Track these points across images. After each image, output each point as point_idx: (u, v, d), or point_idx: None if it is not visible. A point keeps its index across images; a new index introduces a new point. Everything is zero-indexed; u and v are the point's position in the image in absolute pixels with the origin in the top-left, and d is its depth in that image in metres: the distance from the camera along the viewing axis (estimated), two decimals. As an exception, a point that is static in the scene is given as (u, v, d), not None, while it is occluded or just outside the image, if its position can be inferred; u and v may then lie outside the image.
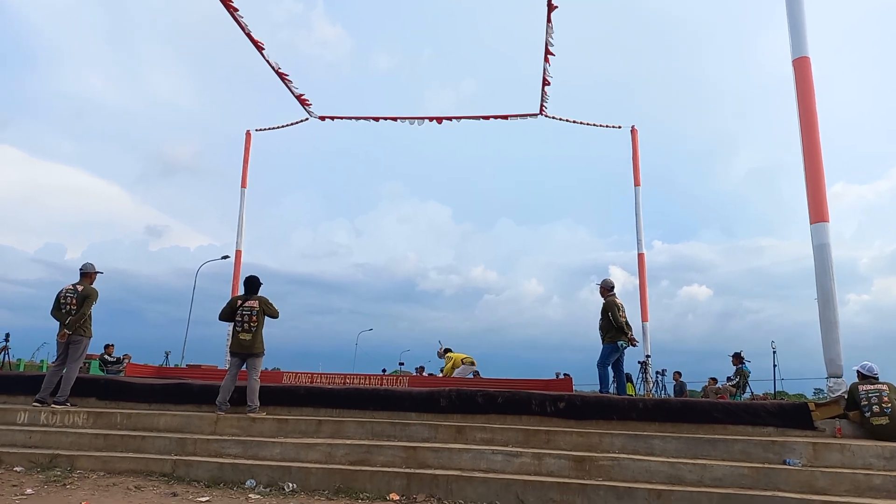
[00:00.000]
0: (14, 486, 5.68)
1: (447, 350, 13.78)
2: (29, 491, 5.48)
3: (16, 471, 6.28)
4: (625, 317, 8.88)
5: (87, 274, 8.24)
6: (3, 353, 11.26)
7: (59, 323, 7.90)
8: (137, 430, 7.19)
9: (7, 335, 11.89)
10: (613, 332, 8.73)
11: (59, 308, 7.92)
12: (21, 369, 17.85)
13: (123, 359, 16.34)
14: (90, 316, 8.05)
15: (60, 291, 8.03)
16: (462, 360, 13.16)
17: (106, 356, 16.26)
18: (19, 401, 8.03)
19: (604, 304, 8.96)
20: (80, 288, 8.05)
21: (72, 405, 7.75)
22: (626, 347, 8.84)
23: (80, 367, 8.19)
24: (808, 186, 7.41)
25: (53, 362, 8.15)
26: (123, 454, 6.60)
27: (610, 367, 8.98)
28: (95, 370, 16.05)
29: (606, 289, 9.15)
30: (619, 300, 8.99)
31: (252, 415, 7.25)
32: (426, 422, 7.06)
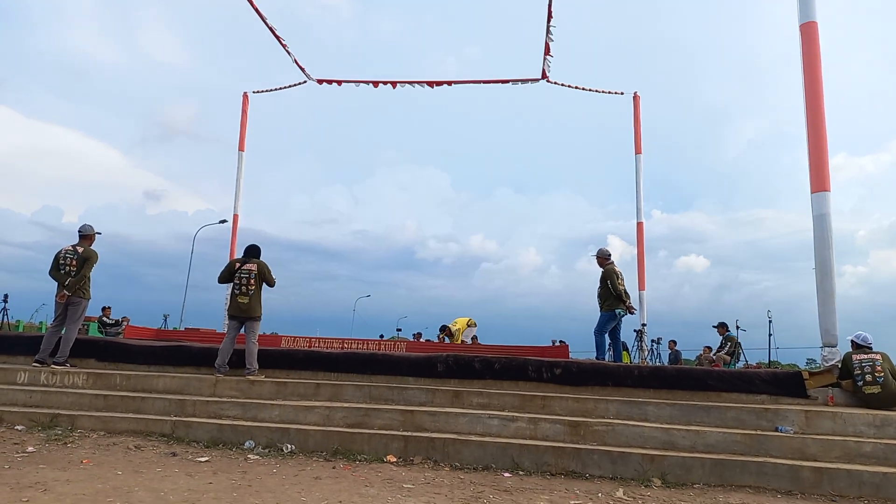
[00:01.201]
0: (16, 444, 5.74)
1: (444, 327, 14.16)
2: (31, 449, 5.54)
3: (17, 429, 6.35)
4: (623, 285, 8.90)
5: (87, 236, 8.21)
6: (1, 314, 11.29)
7: (57, 283, 7.90)
8: (137, 391, 7.25)
9: (5, 296, 11.93)
10: (612, 300, 8.77)
11: (57, 269, 7.90)
12: (20, 330, 17.93)
13: (122, 321, 16.42)
14: (89, 278, 8.05)
15: (59, 252, 7.99)
16: (467, 322, 13.50)
17: (104, 318, 16.34)
18: (19, 361, 8.07)
19: (602, 272, 8.97)
20: (79, 249, 8.02)
21: (71, 366, 7.80)
22: (623, 315, 8.89)
23: (79, 329, 8.22)
24: (811, 155, 7.35)
25: (52, 323, 8.18)
26: (123, 415, 6.67)
27: (607, 335, 9.04)
28: (94, 332, 16.15)
29: (604, 258, 9.16)
30: (617, 268, 9.00)
31: (251, 377, 7.31)
32: (423, 386, 7.13)
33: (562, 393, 6.88)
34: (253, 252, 7.93)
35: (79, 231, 8.22)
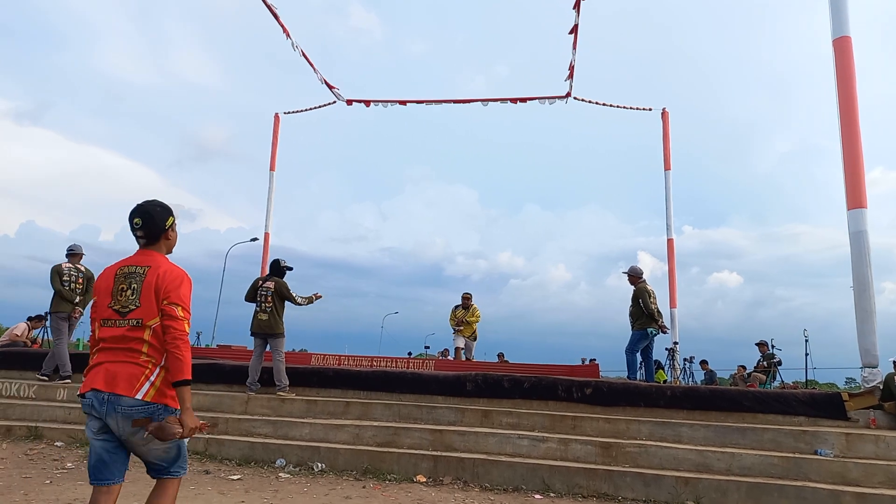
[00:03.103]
0: (55, 460, 5.88)
1: (467, 297, 12.06)
2: (69, 465, 5.67)
3: (56, 446, 6.50)
4: (656, 304, 8.79)
5: (78, 254, 8.49)
6: (41, 332, 11.61)
7: (58, 298, 8.09)
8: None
9: (46, 314, 12.19)
10: (644, 318, 8.65)
11: (62, 284, 8.15)
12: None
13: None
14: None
15: (62, 268, 8.21)
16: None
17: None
18: (58, 378, 8.27)
19: (635, 290, 8.87)
20: (81, 268, 8.36)
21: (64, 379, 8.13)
22: (655, 335, 8.76)
23: None
24: (846, 171, 7.20)
25: (59, 338, 8.39)
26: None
27: (638, 354, 8.92)
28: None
29: (636, 276, 9.05)
30: (649, 287, 8.90)
31: (282, 394, 7.37)
32: (452, 405, 7.11)
33: (593, 413, 6.80)
34: (272, 267, 8.04)
35: (73, 250, 8.44)
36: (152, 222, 2.81)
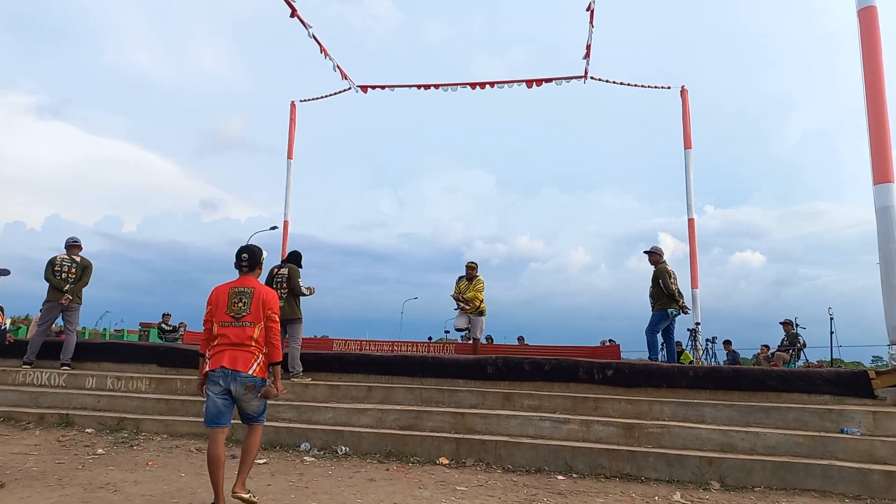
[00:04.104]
0: (87, 446, 6.02)
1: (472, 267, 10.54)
2: (100, 451, 5.80)
3: (87, 432, 6.66)
4: (676, 284, 8.71)
5: (77, 246, 8.66)
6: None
7: (50, 287, 8.30)
8: (196, 395, 7.47)
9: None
10: (664, 299, 8.58)
11: (54, 274, 8.35)
12: (86, 336, 18.74)
13: (180, 327, 16.99)
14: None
15: (55, 259, 8.42)
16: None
17: (164, 325, 16.93)
18: (87, 367, 8.46)
19: (655, 271, 8.79)
20: (77, 259, 8.51)
21: (71, 368, 8.28)
22: (676, 315, 8.69)
23: (142, 335, 8.60)
24: (872, 145, 7.04)
25: (41, 326, 8.64)
26: (184, 418, 6.90)
27: (659, 335, 8.86)
28: (154, 338, 16.76)
29: (657, 255, 8.96)
30: (670, 267, 8.81)
31: (296, 379, 7.45)
32: (473, 388, 7.14)
33: (614, 395, 6.79)
34: (290, 258, 8.09)
35: (71, 242, 8.63)
36: (254, 257, 4.27)
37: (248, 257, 4.22)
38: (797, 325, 13.61)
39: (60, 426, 6.90)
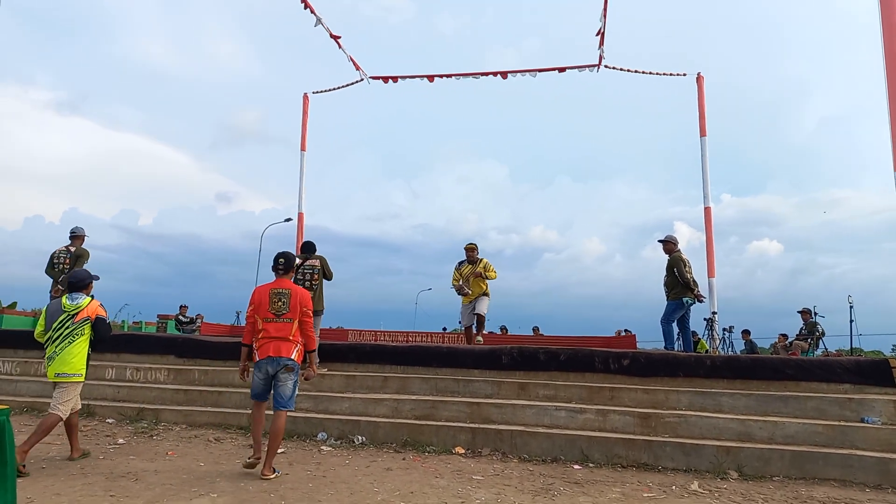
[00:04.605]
0: (108, 436, 6.12)
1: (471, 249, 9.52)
2: (121, 441, 5.89)
3: (108, 422, 6.76)
4: (691, 273, 8.63)
5: (79, 236, 8.81)
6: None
7: (52, 280, 8.48)
8: (214, 385, 7.57)
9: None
10: (679, 288, 8.50)
11: (52, 267, 8.54)
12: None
13: (197, 318, 17.15)
14: None
15: (54, 252, 8.62)
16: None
17: (181, 317, 17.10)
18: (106, 358, 8.56)
19: (669, 259, 8.71)
20: (72, 249, 8.62)
21: None
22: (692, 304, 8.61)
23: (159, 327, 8.69)
24: (894, 130, 6.91)
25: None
26: (203, 408, 6.98)
27: (675, 324, 8.79)
28: (172, 330, 16.93)
29: (672, 244, 8.88)
30: (685, 256, 8.73)
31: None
32: (488, 378, 7.15)
33: (630, 384, 6.76)
34: (310, 247, 8.08)
35: (71, 232, 8.78)
36: (289, 263, 5.07)
37: (285, 262, 5.02)
38: (816, 314, 13.45)
39: (82, 416, 6.97)
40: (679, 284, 8.49)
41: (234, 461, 5.20)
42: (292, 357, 4.78)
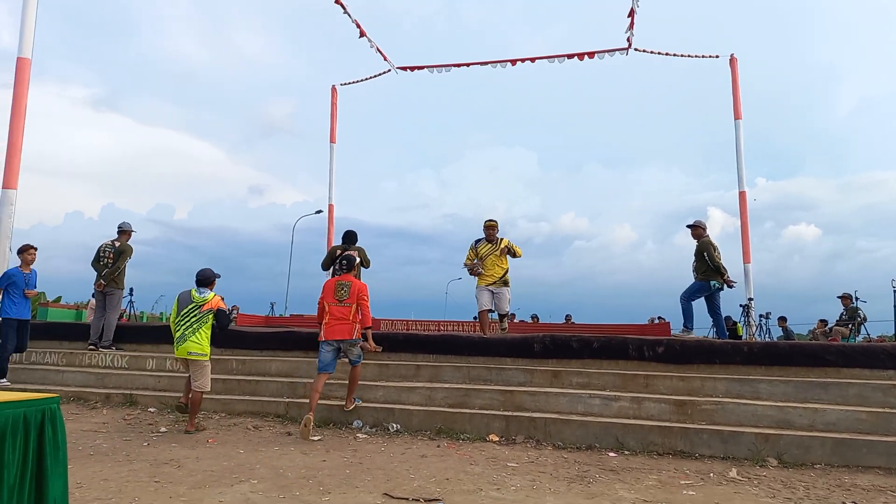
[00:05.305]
0: (150, 424, 6.29)
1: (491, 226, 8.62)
2: (163, 429, 6.05)
3: (150, 411, 6.95)
4: (721, 258, 8.46)
5: (124, 232, 8.99)
6: (128, 306, 12.35)
7: (96, 274, 8.69)
8: (252, 375, 7.72)
9: (131, 290, 12.94)
10: (710, 272, 8.35)
11: (97, 260, 8.74)
12: (144, 320, 19.48)
13: (233, 310, 17.47)
14: (124, 270, 8.84)
15: (101, 246, 8.82)
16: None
17: (217, 308, 17.44)
18: (146, 349, 8.80)
19: (699, 245, 8.55)
20: (116, 244, 8.79)
21: (117, 348, 8.61)
22: (719, 289, 8.41)
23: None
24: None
25: (96, 310, 9.01)
26: (241, 397, 7.13)
27: (708, 312, 8.63)
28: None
29: (701, 228, 8.72)
30: (714, 241, 8.57)
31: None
32: (521, 367, 7.14)
33: (665, 371, 6.70)
34: (351, 238, 8.16)
35: (118, 227, 8.98)
36: (350, 264, 6.46)
37: (346, 264, 6.42)
38: (857, 299, 13.11)
39: (125, 405, 7.22)
40: (709, 269, 8.34)
41: (273, 448, 5.30)
42: (353, 337, 6.10)
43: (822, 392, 5.94)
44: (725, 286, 8.43)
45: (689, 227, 8.83)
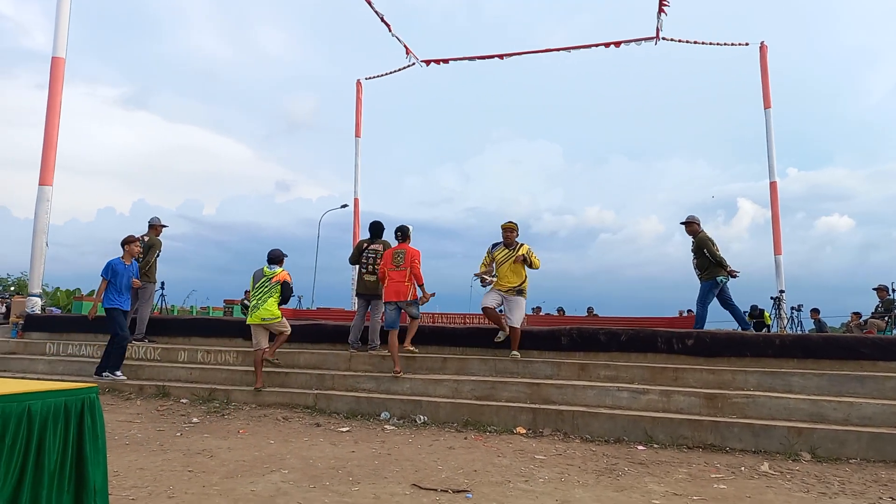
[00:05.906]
0: (182, 415, 6.42)
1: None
2: (195, 420, 6.17)
3: (182, 402, 7.09)
4: (719, 250, 8.32)
5: (154, 226, 9.11)
6: (160, 300, 12.60)
7: None
8: (281, 367, 7.82)
9: (162, 284, 13.20)
10: (712, 267, 8.23)
11: None
12: (175, 314, 19.83)
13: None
14: (154, 264, 8.94)
15: None
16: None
17: (246, 301, 17.68)
18: (178, 341, 8.97)
19: (696, 240, 8.41)
20: (146, 238, 8.90)
21: (149, 341, 8.73)
22: (726, 282, 8.28)
23: (226, 311, 9.02)
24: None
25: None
26: (270, 388, 7.23)
27: (721, 307, 8.50)
28: (238, 314, 17.54)
29: (696, 224, 8.59)
30: (710, 234, 8.45)
31: (374, 352, 7.63)
32: (548, 360, 7.12)
33: (695, 364, 6.62)
34: (377, 229, 8.10)
35: (149, 221, 9.11)
36: (405, 233, 7.41)
37: (401, 234, 7.38)
38: (893, 291, 12.77)
39: (158, 397, 7.37)
40: (711, 264, 8.22)
41: (302, 439, 5.38)
42: (409, 297, 7.07)
43: (858, 386, 5.82)
44: (730, 277, 8.31)
45: (683, 223, 8.71)
